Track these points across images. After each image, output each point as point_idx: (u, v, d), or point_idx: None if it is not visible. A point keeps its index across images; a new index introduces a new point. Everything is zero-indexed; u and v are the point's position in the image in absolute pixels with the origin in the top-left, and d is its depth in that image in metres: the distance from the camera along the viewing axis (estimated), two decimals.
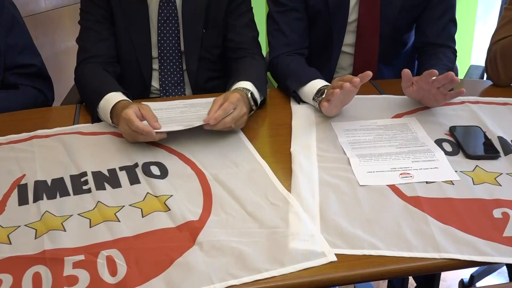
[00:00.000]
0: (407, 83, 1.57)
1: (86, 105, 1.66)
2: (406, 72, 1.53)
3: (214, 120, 1.40)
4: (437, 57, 1.78)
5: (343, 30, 1.88)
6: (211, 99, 1.63)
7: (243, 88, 1.57)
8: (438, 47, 1.84)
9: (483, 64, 1.93)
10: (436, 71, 1.45)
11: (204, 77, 1.89)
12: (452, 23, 1.87)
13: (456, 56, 1.87)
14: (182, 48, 1.84)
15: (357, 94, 1.56)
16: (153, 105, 1.51)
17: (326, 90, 1.56)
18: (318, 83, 1.64)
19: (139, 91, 1.84)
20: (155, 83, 1.88)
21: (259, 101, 1.62)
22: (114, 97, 1.54)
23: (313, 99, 1.61)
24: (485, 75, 1.92)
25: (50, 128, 1.54)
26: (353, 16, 1.87)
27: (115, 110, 1.50)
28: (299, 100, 1.69)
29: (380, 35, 1.88)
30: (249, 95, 1.57)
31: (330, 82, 1.95)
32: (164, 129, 1.41)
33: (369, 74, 1.42)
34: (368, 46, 1.90)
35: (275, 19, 1.86)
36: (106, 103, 1.54)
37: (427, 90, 1.53)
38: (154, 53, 1.84)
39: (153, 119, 1.42)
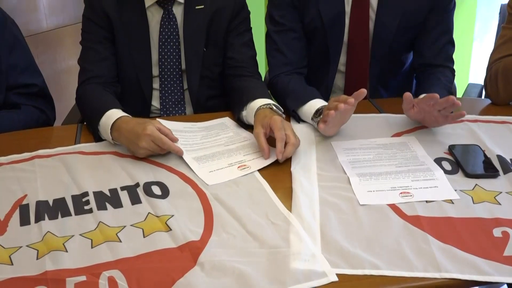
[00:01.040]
0: (408, 105, 1.58)
1: (87, 124, 1.68)
2: (407, 95, 1.53)
3: (283, 157, 1.45)
4: (436, 77, 1.80)
5: (339, 48, 1.90)
6: (223, 120, 1.70)
7: (265, 104, 1.59)
8: (436, 67, 1.86)
9: (481, 82, 1.95)
10: (437, 95, 1.46)
11: (204, 95, 1.90)
12: (450, 44, 1.88)
13: (454, 75, 1.88)
14: (183, 66, 1.85)
15: (356, 112, 1.57)
16: (166, 124, 1.54)
17: (323, 111, 1.57)
18: (317, 103, 1.65)
19: (139, 110, 1.85)
20: (155, 102, 1.89)
21: (281, 109, 1.63)
22: (114, 114, 1.56)
23: (312, 119, 1.63)
24: (483, 93, 1.93)
25: (51, 148, 1.55)
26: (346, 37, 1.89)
27: (115, 125, 1.52)
28: (298, 119, 1.70)
29: (375, 56, 1.89)
30: (275, 108, 1.59)
31: (327, 101, 1.97)
32: (220, 179, 1.41)
33: (363, 92, 1.43)
34: (359, 66, 1.91)
35: (273, 39, 1.88)
36: (107, 120, 1.55)
37: (428, 112, 1.54)
38: (155, 72, 1.86)
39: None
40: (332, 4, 1.84)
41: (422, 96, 1.60)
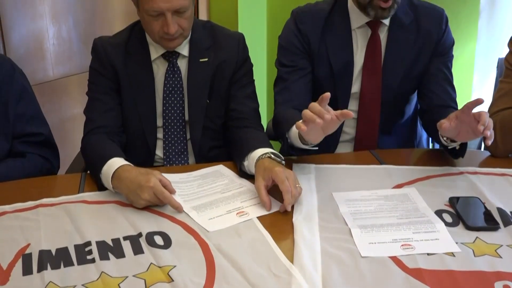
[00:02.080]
0: (449, 120, 1.57)
1: (91, 173, 1.69)
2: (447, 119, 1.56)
3: (289, 207, 1.47)
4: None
5: (347, 97, 1.95)
6: (218, 167, 1.72)
7: (264, 154, 1.61)
8: (444, 108, 1.88)
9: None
10: (481, 99, 1.49)
11: (207, 146, 1.92)
12: (452, 89, 1.94)
13: None
14: (187, 117, 1.89)
15: (357, 164, 1.58)
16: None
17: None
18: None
19: (143, 160, 1.87)
20: (159, 152, 1.91)
21: (281, 156, 1.65)
22: (116, 162, 1.58)
23: (299, 139, 1.63)
24: (483, 145, 1.95)
25: (55, 197, 1.56)
26: (356, 86, 1.94)
27: (116, 173, 1.54)
28: (288, 147, 1.70)
29: (382, 104, 1.94)
30: (274, 156, 1.61)
31: (335, 148, 1.99)
32: (220, 225, 1.43)
33: (350, 114, 1.45)
34: (371, 114, 1.96)
35: (283, 78, 1.93)
36: (108, 168, 1.57)
37: (467, 123, 1.54)
38: (159, 122, 1.89)
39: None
40: (342, 54, 1.91)
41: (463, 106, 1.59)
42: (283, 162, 1.62)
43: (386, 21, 1.89)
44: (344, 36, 1.91)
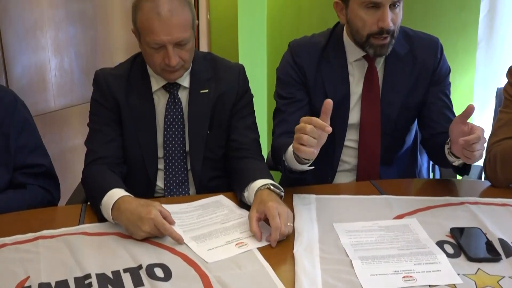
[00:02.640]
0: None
1: (91, 204, 1.69)
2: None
3: (274, 244, 1.47)
4: None
5: (344, 128, 1.95)
6: (218, 198, 1.73)
7: (264, 185, 1.62)
8: (448, 136, 1.86)
9: (481, 163, 1.97)
10: (471, 105, 1.54)
11: (208, 176, 1.93)
12: (452, 115, 1.93)
13: None
14: (187, 148, 1.89)
15: (357, 194, 1.58)
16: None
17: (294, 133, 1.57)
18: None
19: (143, 190, 1.87)
20: (159, 183, 1.91)
21: (281, 188, 1.65)
22: (116, 193, 1.58)
23: (295, 159, 1.63)
24: (483, 174, 1.95)
25: (55, 228, 1.56)
26: (353, 116, 1.95)
27: (116, 204, 1.54)
28: (286, 171, 1.71)
29: (382, 134, 1.95)
30: (272, 188, 1.61)
31: (333, 178, 1.99)
32: (219, 256, 1.43)
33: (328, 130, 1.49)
34: (371, 144, 1.96)
35: (281, 110, 1.95)
36: (108, 199, 1.58)
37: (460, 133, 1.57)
38: (160, 153, 1.89)
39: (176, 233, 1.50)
40: (338, 87, 1.92)
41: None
42: (282, 193, 1.63)
43: None
44: (340, 69, 1.93)
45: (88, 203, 1.74)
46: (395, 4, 1.77)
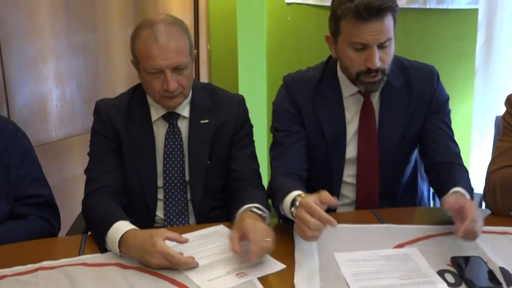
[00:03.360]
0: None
1: (93, 235, 1.69)
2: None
3: (254, 257, 1.47)
4: (459, 173, 1.82)
5: (342, 163, 1.94)
6: (218, 227, 1.73)
7: (248, 207, 1.63)
8: (448, 164, 1.87)
9: (481, 191, 1.97)
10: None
11: (208, 206, 1.93)
12: (453, 144, 1.92)
13: (468, 173, 1.87)
14: (187, 178, 1.90)
15: (358, 223, 1.58)
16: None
17: (298, 203, 1.54)
18: (292, 194, 1.62)
19: (143, 220, 1.86)
20: (159, 213, 1.91)
21: (266, 209, 1.65)
22: (123, 226, 1.58)
23: (291, 213, 1.60)
24: (484, 203, 1.95)
25: (55, 259, 1.55)
26: (350, 151, 1.93)
27: (123, 240, 1.54)
28: (280, 217, 1.70)
29: (380, 167, 1.93)
30: (254, 209, 1.62)
31: (334, 211, 1.98)
32: (220, 287, 1.43)
33: (334, 224, 1.46)
34: (370, 178, 1.95)
35: (278, 142, 1.92)
36: (115, 232, 1.57)
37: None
38: (159, 183, 1.90)
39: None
40: (334, 123, 1.90)
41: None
42: (264, 214, 1.63)
43: None
44: (335, 105, 1.90)
45: (89, 233, 1.74)
46: (383, 45, 1.74)
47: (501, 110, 1.97)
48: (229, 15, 3.55)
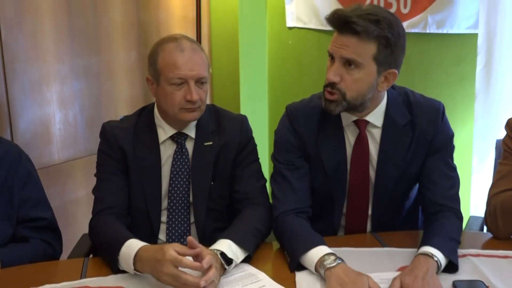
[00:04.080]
0: None
1: (103, 255, 1.69)
2: None
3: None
4: (439, 223, 1.75)
5: (343, 194, 1.90)
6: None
7: (215, 249, 1.62)
8: (440, 208, 1.81)
9: (482, 215, 1.97)
10: None
11: (211, 228, 1.93)
12: (450, 184, 1.85)
13: (461, 218, 1.82)
14: (191, 199, 1.91)
15: (359, 246, 1.57)
16: None
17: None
18: (321, 251, 1.62)
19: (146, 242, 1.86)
20: (161, 236, 1.92)
21: (233, 260, 1.63)
22: (135, 243, 1.59)
23: (316, 268, 1.59)
24: (485, 227, 1.95)
25: (57, 283, 1.55)
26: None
27: (138, 257, 1.54)
28: (295, 267, 1.65)
29: (377, 201, 1.90)
30: (219, 255, 1.60)
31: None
32: None
33: None
34: (359, 209, 1.92)
35: (283, 175, 1.86)
36: (128, 250, 1.57)
37: None
38: (164, 204, 1.91)
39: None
40: (334, 154, 1.85)
41: None
42: (226, 267, 1.59)
43: (378, 122, 1.83)
44: (337, 135, 1.85)
45: (91, 256, 1.74)
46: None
47: (502, 133, 1.98)
48: (231, 38, 3.59)
